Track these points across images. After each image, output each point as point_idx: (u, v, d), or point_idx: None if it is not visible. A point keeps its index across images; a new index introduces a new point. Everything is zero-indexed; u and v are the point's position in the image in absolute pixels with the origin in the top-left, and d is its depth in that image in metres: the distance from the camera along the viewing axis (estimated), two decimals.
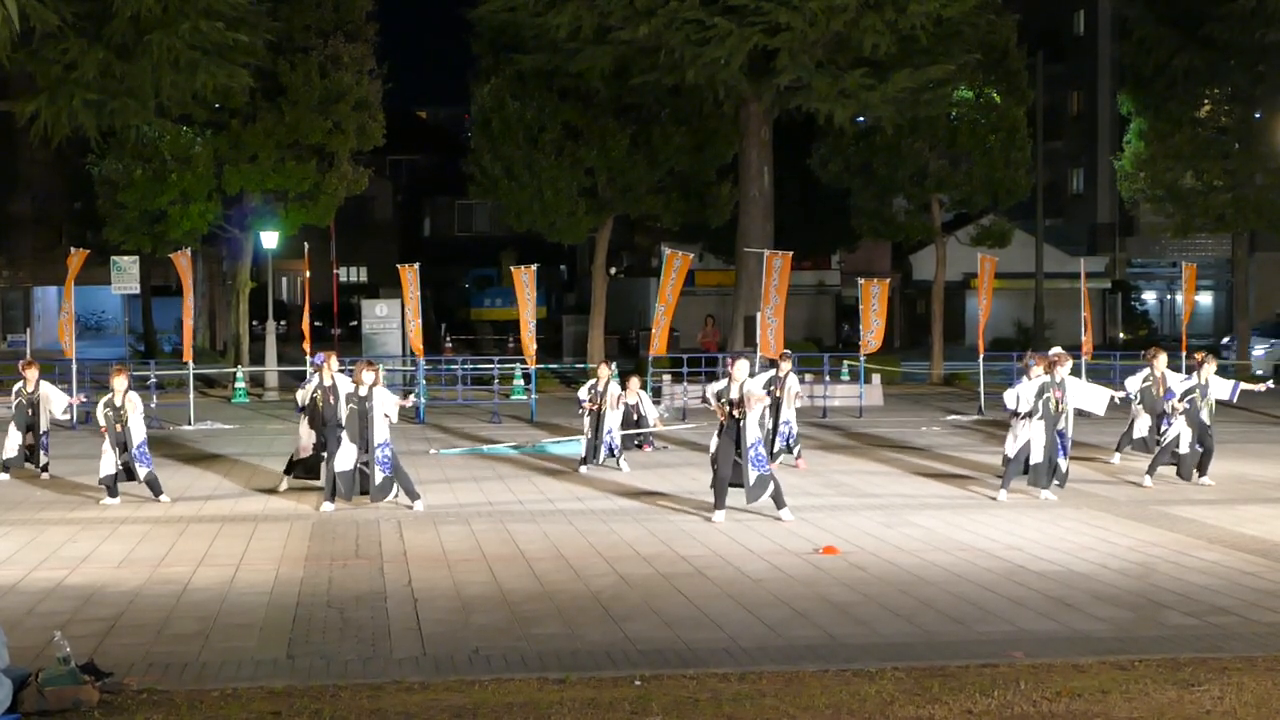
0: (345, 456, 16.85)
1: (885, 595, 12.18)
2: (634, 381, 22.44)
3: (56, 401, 20.24)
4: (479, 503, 17.59)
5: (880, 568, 13.38)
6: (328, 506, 16.85)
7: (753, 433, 16.05)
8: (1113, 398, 19.49)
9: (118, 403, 17.54)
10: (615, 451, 20.93)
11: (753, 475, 16.01)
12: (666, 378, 32.22)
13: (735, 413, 15.89)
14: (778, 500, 16.10)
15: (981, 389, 30.93)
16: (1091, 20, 63.33)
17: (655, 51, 32.83)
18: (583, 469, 20.56)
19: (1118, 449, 21.60)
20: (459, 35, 79.63)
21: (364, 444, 16.84)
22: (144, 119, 31.85)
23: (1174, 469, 19.32)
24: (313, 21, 35.92)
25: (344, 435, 16.88)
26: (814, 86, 33.09)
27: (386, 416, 16.93)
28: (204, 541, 14.88)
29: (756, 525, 15.76)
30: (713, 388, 16.63)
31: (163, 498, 17.55)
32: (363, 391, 16.87)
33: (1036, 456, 17.60)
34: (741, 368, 16.16)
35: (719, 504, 16.15)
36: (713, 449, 16.22)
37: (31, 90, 30.67)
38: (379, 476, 16.83)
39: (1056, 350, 18.63)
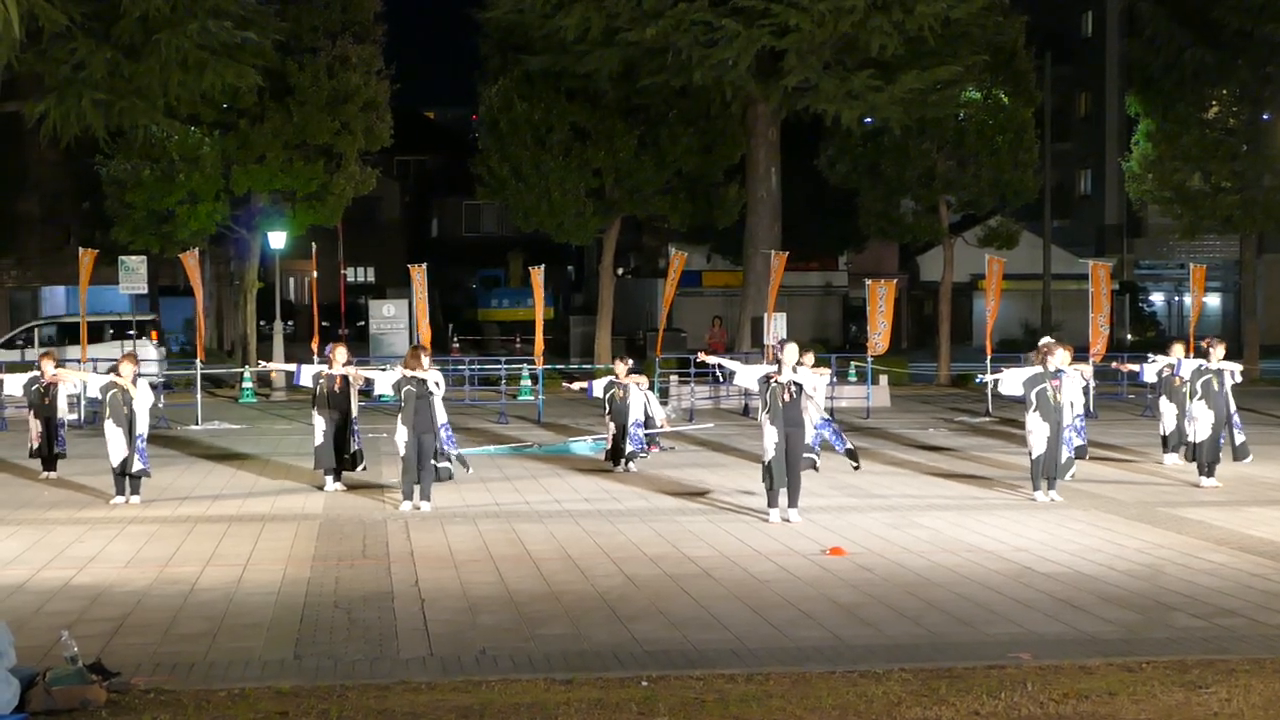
0: (402, 438, 16.96)
1: (892, 596, 12.18)
2: (619, 367, 21.34)
3: (62, 388, 20.34)
4: (486, 503, 17.59)
5: (887, 569, 13.37)
6: (405, 505, 16.96)
7: (815, 415, 16.10)
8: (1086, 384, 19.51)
9: (125, 386, 17.55)
10: (642, 447, 20.86)
11: (843, 445, 16.21)
12: (674, 378, 32.22)
13: (788, 396, 15.83)
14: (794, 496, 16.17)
15: (989, 390, 30.85)
16: (1099, 21, 63.29)
17: (663, 53, 32.85)
18: (628, 467, 20.54)
19: (1167, 451, 21.41)
20: (467, 36, 79.85)
21: (429, 427, 16.89)
22: (152, 119, 31.90)
23: (1194, 461, 19.38)
24: (321, 22, 35.97)
25: (399, 420, 17.04)
26: (822, 87, 33.09)
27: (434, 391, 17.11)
28: (211, 541, 14.90)
29: (763, 526, 15.76)
30: (751, 372, 16.54)
31: (134, 499, 17.57)
32: (422, 375, 16.91)
33: (1039, 448, 17.50)
34: (791, 351, 16.10)
35: (775, 501, 16.12)
36: (775, 447, 15.81)
37: (40, 90, 30.73)
38: (450, 455, 17.12)
39: (1046, 340, 18.45)
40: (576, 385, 22.78)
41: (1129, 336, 54.35)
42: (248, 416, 29.78)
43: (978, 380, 19.72)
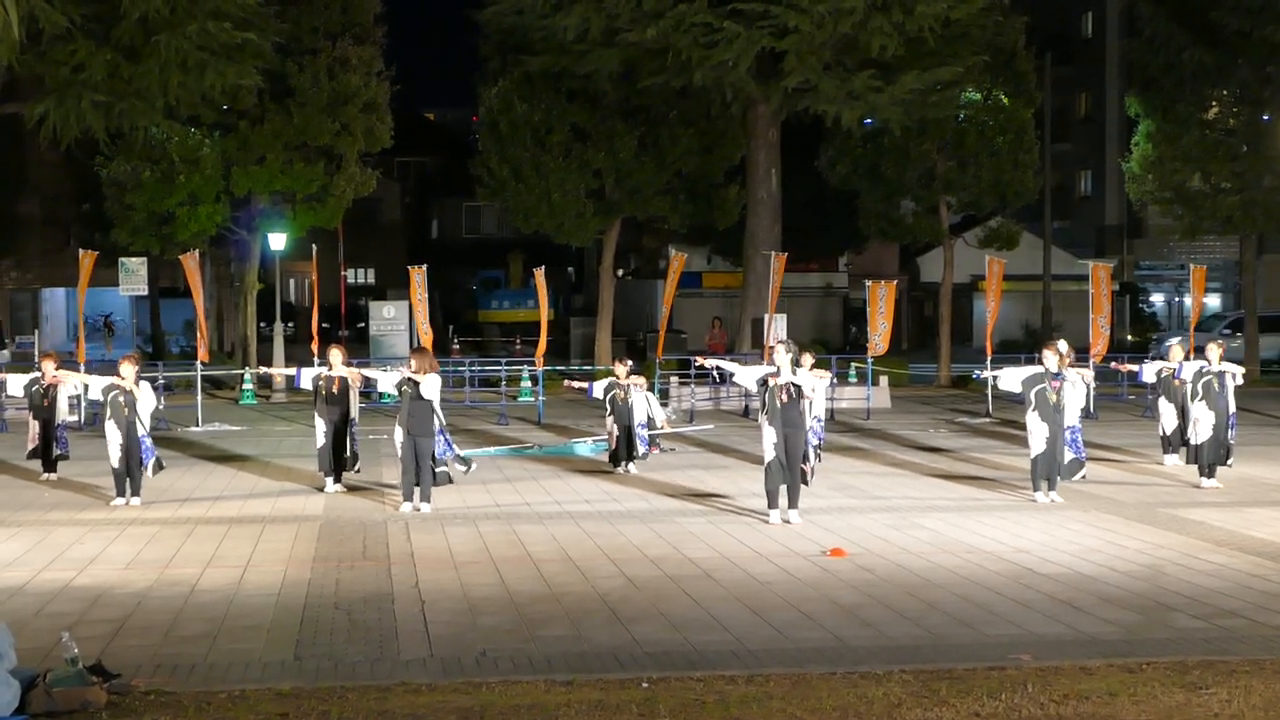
0: (399, 439, 17.01)
1: (892, 598, 12.18)
2: (620, 369, 21.36)
3: (63, 389, 20.32)
4: (486, 505, 17.60)
5: (888, 570, 13.37)
6: (405, 507, 16.96)
7: (808, 418, 16.12)
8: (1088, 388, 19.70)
9: (127, 388, 17.54)
10: (645, 445, 20.84)
11: (813, 459, 16.20)
12: (674, 379, 32.23)
13: (785, 397, 15.82)
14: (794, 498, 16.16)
15: (989, 391, 30.87)
16: (1099, 22, 63.32)
17: (663, 53, 32.84)
18: (628, 469, 20.52)
19: (1166, 452, 21.39)
20: (467, 37, 79.87)
21: (424, 430, 16.90)
22: (152, 120, 31.89)
23: (1194, 461, 19.40)
24: (321, 23, 35.95)
25: (397, 421, 17.19)
26: (822, 88, 33.09)
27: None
28: (212, 543, 14.90)
29: (763, 527, 15.76)
30: (750, 373, 16.54)
31: (134, 500, 17.58)
32: (416, 377, 16.92)
33: (1038, 448, 17.51)
34: (783, 353, 16.12)
35: (775, 503, 16.10)
36: (774, 448, 15.84)
37: (40, 92, 30.73)
38: (444, 457, 17.23)
39: (1062, 343, 18.46)
40: (577, 384, 22.89)
41: (1129, 337, 54.36)
42: (248, 418, 29.77)
43: (975, 375, 19.84)
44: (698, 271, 50.88)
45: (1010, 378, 17.98)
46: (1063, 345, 18.32)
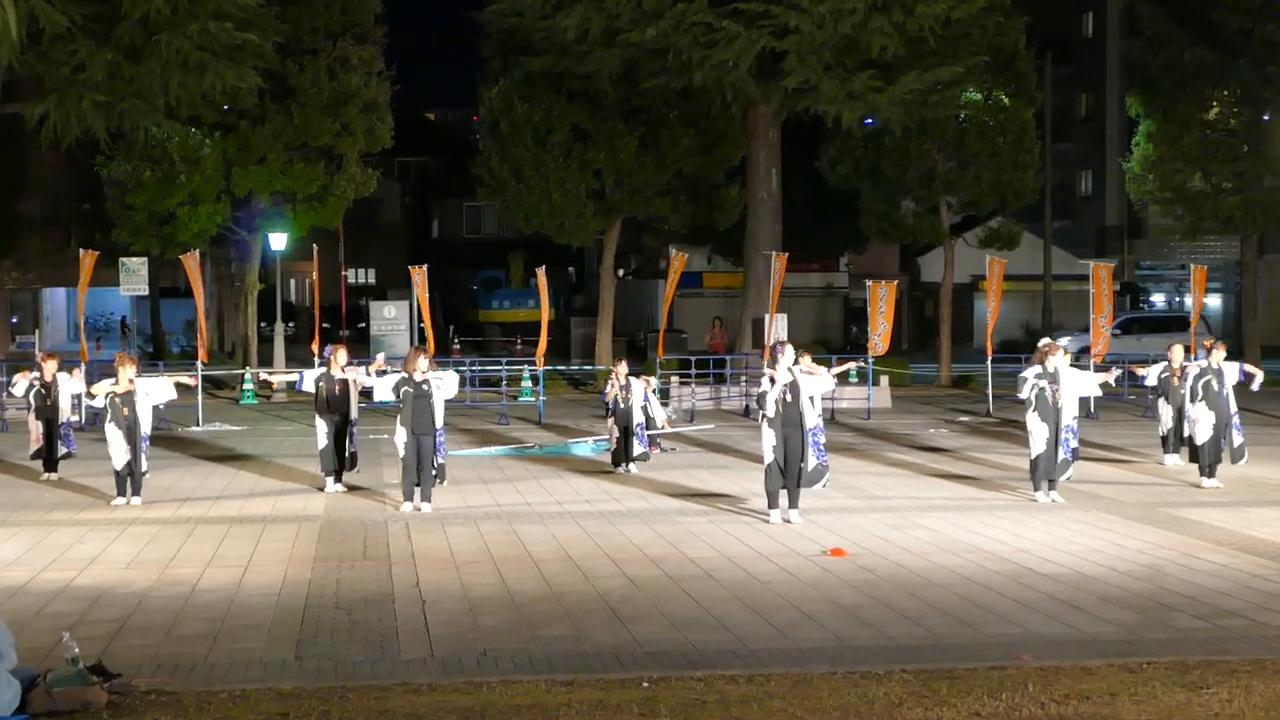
0: (401, 439, 16.96)
1: (893, 597, 12.18)
2: (621, 368, 21.24)
3: (65, 389, 20.33)
4: (487, 504, 17.60)
5: (888, 570, 13.37)
6: (406, 506, 16.96)
7: (811, 417, 16.10)
8: (1106, 381, 19.78)
9: (122, 388, 17.53)
10: (644, 443, 20.79)
11: (813, 460, 16.14)
12: (675, 379, 32.22)
13: (786, 397, 15.84)
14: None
15: (990, 390, 30.90)
16: (1100, 22, 63.30)
17: (663, 53, 32.82)
18: (628, 469, 20.51)
19: (1167, 451, 21.41)
20: (467, 37, 79.91)
21: (428, 429, 16.92)
22: (153, 120, 31.90)
23: (1196, 462, 19.42)
24: (321, 23, 35.97)
25: (398, 422, 17.09)
26: (822, 88, 33.04)
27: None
28: (212, 543, 14.91)
29: (764, 527, 15.76)
30: (771, 395, 16.39)
31: (135, 500, 17.56)
32: (419, 377, 16.91)
33: (1039, 449, 17.52)
34: (788, 354, 16.14)
35: (775, 503, 16.11)
36: (773, 450, 15.89)
37: (41, 92, 30.73)
38: (436, 462, 17.12)
39: (1045, 341, 18.48)
40: (620, 382, 21.72)
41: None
42: (248, 418, 29.78)
43: (1018, 397, 19.65)
44: (698, 271, 50.88)
45: (1025, 386, 17.91)
46: (1044, 342, 18.36)
